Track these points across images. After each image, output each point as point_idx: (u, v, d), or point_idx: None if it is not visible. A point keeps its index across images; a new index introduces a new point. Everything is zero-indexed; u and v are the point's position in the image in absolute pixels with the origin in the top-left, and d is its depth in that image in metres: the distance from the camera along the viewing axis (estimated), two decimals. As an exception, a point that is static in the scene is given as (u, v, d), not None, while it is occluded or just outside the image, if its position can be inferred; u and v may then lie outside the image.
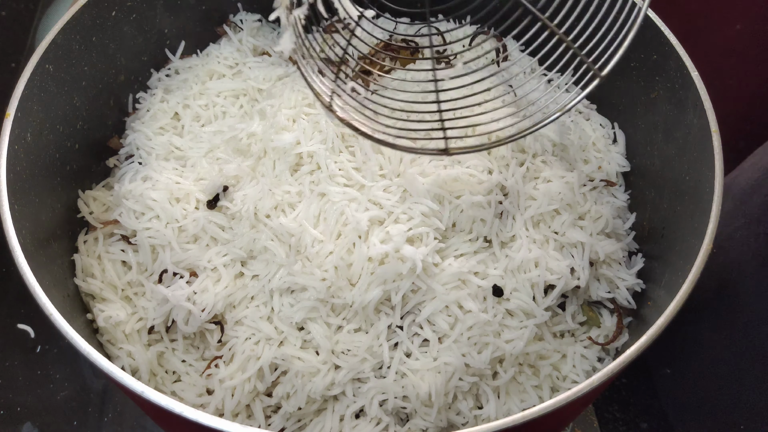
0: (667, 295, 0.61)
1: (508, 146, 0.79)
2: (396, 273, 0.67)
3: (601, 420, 0.87)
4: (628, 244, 0.79)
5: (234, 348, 0.69)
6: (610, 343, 0.72)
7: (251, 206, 0.72)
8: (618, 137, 0.88)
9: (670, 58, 0.73)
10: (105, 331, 0.71)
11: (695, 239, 0.61)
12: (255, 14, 0.96)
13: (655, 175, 0.79)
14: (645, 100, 0.80)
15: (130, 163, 0.82)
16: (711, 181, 0.63)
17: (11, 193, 0.62)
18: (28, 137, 0.68)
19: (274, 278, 0.70)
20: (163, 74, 0.90)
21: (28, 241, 0.62)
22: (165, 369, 0.71)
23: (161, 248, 0.73)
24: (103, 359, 0.53)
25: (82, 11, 0.74)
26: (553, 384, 0.70)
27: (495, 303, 0.70)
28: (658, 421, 0.87)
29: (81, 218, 0.78)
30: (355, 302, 0.67)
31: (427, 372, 0.66)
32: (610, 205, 0.80)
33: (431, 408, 0.66)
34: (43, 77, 0.70)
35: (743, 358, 0.77)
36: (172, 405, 0.50)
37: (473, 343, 0.67)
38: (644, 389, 0.90)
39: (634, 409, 0.89)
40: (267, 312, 0.70)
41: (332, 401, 0.68)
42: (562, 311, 0.72)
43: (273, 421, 0.67)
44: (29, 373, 0.88)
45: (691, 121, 0.70)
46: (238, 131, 0.79)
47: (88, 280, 0.73)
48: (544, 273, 0.70)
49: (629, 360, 0.53)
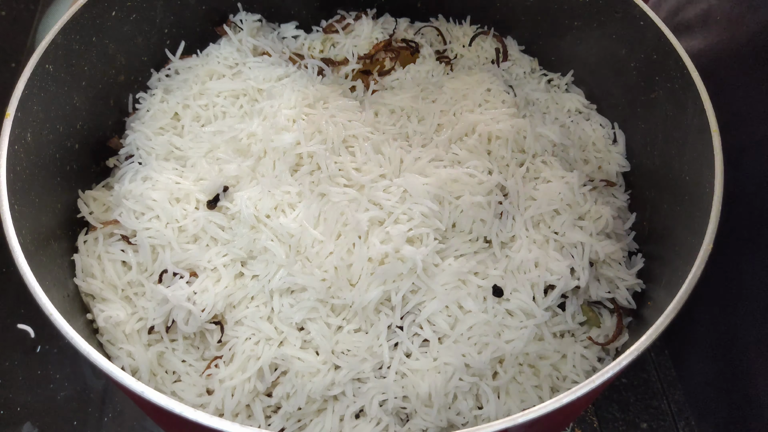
0: (667, 295, 0.61)
1: (508, 146, 0.79)
2: (396, 273, 0.67)
3: (601, 420, 0.88)
4: (628, 244, 0.79)
5: (234, 348, 0.69)
6: (610, 343, 0.72)
7: (251, 206, 0.72)
8: (618, 137, 0.88)
9: (670, 58, 0.73)
10: (105, 331, 0.71)
11: (695, 239, 0.61)
12: (255, 14, 0.96)
13: (655, 175, 0.79)
14: (645, 100, 0.80)
15: (130, 163, 0.82)
16: (711, 181, 0.63)
17: (11, 193, 0.62)
18: (28, 137, 0.68)
19: (274, 278, 0.70)
20: (163, 74, 0.90)
21: (28, 241, 0.62)
22: (165, 369, 0.71)
23: (161, 248, 0.73)
24: (103, 359, 0.53)
25: (82, 11, 0.74)
26: (553, 384, 0.70)
27: (495, 303, 0.70)
28: (658, 421, 0.88)
29: (81, 218, 0.78)
30: (355, 302, 0.67)
31: (427, 372, 0.66)
32: (610, 205, 0.80)
33: (431, 408, 0.66)
34: (43, 77, 0.70)
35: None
36: (172, 405, 0.50)
37: (473, 343, 0.67)
38: (644, 389, 0.90)
39: (634, 409, 0.89)
40: (267, 312, 0.70)
41: (332, 401, 0.68)
42: (562, 311, 0.72)
43: (273, 421, 0.67)
44: (29, 373, 0.88)
45: (691, 121, 0.70)
46: (238, 131, 0.79)
47: (88, 280, 0.73)
48: (544, 273, 0.70)
49: (629, 360, 0.53)
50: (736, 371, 0.81)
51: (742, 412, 0.79)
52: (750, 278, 0.80)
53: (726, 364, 0.83)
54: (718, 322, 0.85)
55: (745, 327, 0.80)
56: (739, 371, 0.80)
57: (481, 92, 0.84)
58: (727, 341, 0.83)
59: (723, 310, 0.84)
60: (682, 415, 0.89)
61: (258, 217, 0.72)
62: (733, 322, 0.82)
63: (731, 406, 0.81)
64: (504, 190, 0.75)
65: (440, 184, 0.72)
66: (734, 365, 0.81)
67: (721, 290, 0.83)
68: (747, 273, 0.80)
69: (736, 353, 0.81)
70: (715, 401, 0.84)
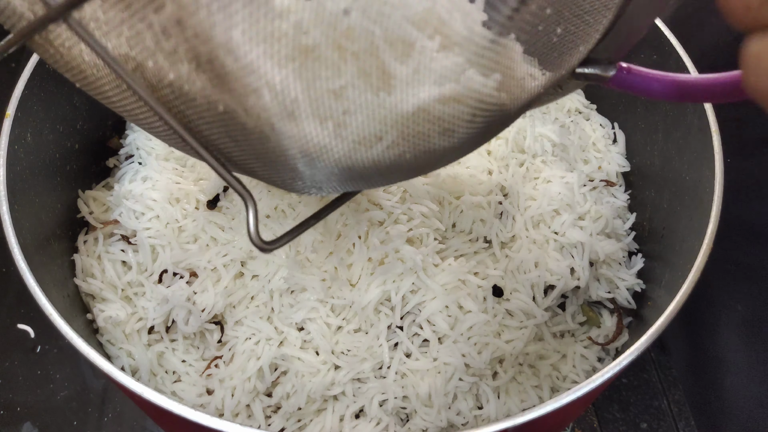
0: (667, 295, 0.61)
1: (508, 146, 0.79)
2: (396, 273, 0.67)
3: (601, 420, 0.88)
4: (628, 244, 0.79)
5: (234, 348, 0.69)
6: (610, 343, 0.72)
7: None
8: (618, 137, 0.88)
9: (670, 58, 0.73)
10: (105, 331, 0.71)
11: (695, 239, 0.61)
12: (255, 14, 0.96)
13: (655, 175, 0.79)
14: (645, 100, 0.80)
15: (130, 163, 0.82)
16: (711, 181, 0.63)
17: (11, 193, 0.62)
18: (28, 137, 0.68)
19: (274, 278, 0.70)
20: (163, 74, 0.90)
21: (28, 241, 0.62)
22: (165, 369, 0.71)
23: (161, 248, 0.73)
24: (102, 359, 0.53)
25: (82, 11, 0.74)
26: (553, 384, 0.70)
27: (495, 303, 0.70)
28: (658, 421, 0.88)
29: (81, 218, 0.78)
30: (355, 302, 0.67)
31: (427, 372, 0.66)
32: (610, 205, 0.80)
33: (431, 408, 0.66)
34: (43, 77, 0.70)
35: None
36: (172, 405, 0.50)
37: (473, 343, 0.67)
38: (644, 389, 0.90)
39: (634, 409, 0.89)
40: (267, 312, 0.70)
41: (332, 401, 0.68)
42: (562, 311, 0.72)
43: (273, 421, 0.67)
44: (29, 373, 0.88)
45: (691, 121, 0.70)
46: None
47: (88, 280, 0.73)
48: (544, 273, 0.70)
49: (629, 360, 0.53)
50: (736, 371, 0.81)
51: (742, 413, 0.79)
52: (750, 278, 0.80)
53: (726, 364, 0.83)
54: (718, 322, 0.85)
55: (745, 327, 0.80)
56: (739, 371, 0.80)
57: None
58: (727, 341, 0.83)
59: (723, 309, 0.84)
60: (682, 415, 0.89)
61: (258, 216, 0.72)
62: (734, 322, 0.82)
63: (731, 406, 0.81)
64: (504, 190, 0.75)
65: (440, 184, 0.72)
66: (734, 365, 0.81)
67: (721, 290, 0.83)
68: (747, 273, 0.80)
69: (737, 353, 0.81)
70: (716, 401, 0.84)
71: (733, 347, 0.82)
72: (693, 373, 0.89)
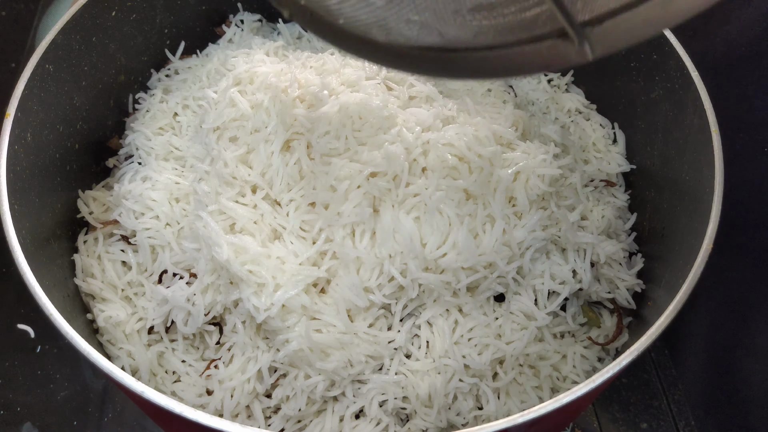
0: (667, 295, 0.61)
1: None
2: (396, 286, 0.67)
3: (601, 420, 0.88)
4: (629, 244, 0.79)
5: (233, 349, 0.69)
6: (610, 343, 0.72)
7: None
8: (618, 137, 0.88)
9: (670, 58, 0.73)
10: (105, 331, 0.71)
11: (695, 239, 0.61)
12: (255, 14, 0.96)
13: (655, 175, 0.79)
14: (645, 100, 0.80)
15: (130, 164, 0.82)
16: (711, 181, 0.63)
17: (11, 193, 0.62)
18: (28, 137, 0.68)
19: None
20: (163, 74, 0.90)
21: (28, 241, 0.62)
22: (165, 369, 0.71)
23: (161, 248, 0.73)
24: (103, 359, 0.53)
25: (82, 11, 0.74)
26: (553, 384, 0.70)
27: (496, 306, 0.70)
28: (658, 421, 0.88)
29: (81, 218, 0.78)
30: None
31: (427, 372, 0.66)
32: (610, 205, 0.80)
33: (431, 408, 0.65)
34: (43, 77, 0.70)
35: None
36: (172, 405, 0.50)
37: (473, 344, 0.67)
38: (644, 389, 0.90)
39: (634, 409, 0.89)
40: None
41: (332, 402, 0.67)
42: (563, 312, 0.72)
43: (273, 421, 0.67)
44: (29, 373, 0.88)
45: (691, 121, 0.70)
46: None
47: (88, 280, 0.73)
48: (548, 279, 0.70)
49: (629, 360, 0.53)
50: (736, 371, 0.81)
51: (742, 412, 0.79)
52: (750, 278, 0.80)
53: (726, 364, 0.83)
54: (718, 322, 0.85)
55: (745, 327, 0.80)
56: (739, 371, 0.80)
57: (481, 92, 0.84)
58: (727, 341, 0.83)
59: (723, 310, 0.84)
60: (682, 415, 0.89)
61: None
62: (733, 322, 0.82)
63: (731, 406, 0.81)
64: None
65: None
66: (734, 365, 0.81)
67: (721, 290, 0.83)
68: (747, 273, 0.80)
69: (736, 353, 0.81)
70: (715, 401, 0.84)
71: (733, 347, 0.82)
72: (693, 373, 0.90)
